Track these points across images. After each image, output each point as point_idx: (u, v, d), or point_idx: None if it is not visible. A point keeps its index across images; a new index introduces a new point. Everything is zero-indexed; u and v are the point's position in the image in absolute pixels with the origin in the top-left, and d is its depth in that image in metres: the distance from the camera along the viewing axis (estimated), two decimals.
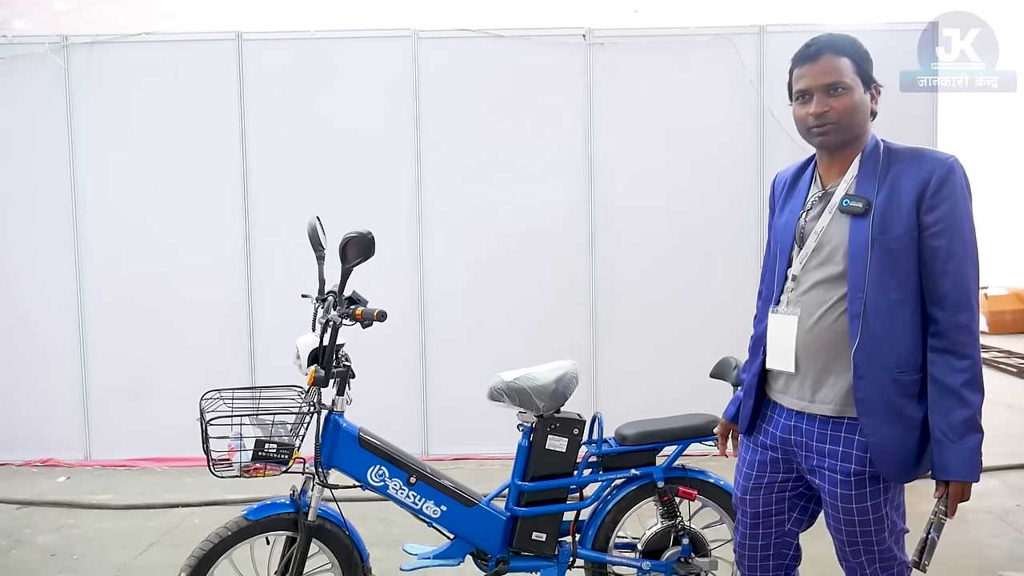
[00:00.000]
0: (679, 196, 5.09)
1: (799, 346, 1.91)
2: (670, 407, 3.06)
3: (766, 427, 2.04)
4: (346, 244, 2.37)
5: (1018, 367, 8.40)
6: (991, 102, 10.28)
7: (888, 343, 1.80)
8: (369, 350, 3.12)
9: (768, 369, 2.02)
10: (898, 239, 1.78)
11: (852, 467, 1.85)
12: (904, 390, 1.80)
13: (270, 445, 2.35)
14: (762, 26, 5.08)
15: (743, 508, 2.11)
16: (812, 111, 1.86)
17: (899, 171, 1.81)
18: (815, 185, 1.97)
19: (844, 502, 1.88)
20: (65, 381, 5.19)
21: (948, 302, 1.77)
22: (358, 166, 5.13)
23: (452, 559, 2.67)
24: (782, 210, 2.04)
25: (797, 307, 1.92)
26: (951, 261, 1.76)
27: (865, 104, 1.86)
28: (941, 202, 1.76)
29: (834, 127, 1.85)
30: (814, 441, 1.92)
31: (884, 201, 1.80)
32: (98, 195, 5.14)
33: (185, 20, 11.03)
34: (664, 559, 2.70)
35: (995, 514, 4.07)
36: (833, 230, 1.87)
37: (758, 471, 2.06)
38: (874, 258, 1.79)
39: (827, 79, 1.83)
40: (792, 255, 1.96)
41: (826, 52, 1.84)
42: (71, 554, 3.73)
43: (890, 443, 1.81)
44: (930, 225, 1.77)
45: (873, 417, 1.81)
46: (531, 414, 2.67)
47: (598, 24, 5.24)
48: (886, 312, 1.79)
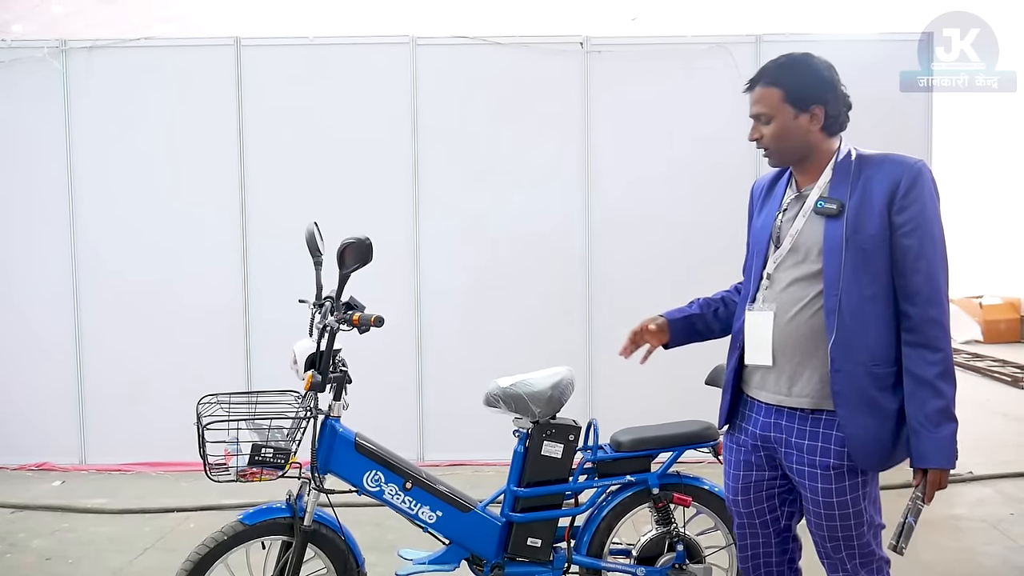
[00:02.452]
0: (676, 204, 5.10)
1: (776, 341, 1.98)
2: (665, 414, 3.07)
3: (745, 426, 2.11)
4: (344, 250, 2.38)
5: (1012, 376, 8.42)
6: (991, 102, 10.30)
7: (862, 338, 1.89)
8: (366, 355, 3.12)
9: (745, 365, 2.09)
10: (870, 239, 1.87)
11: (830, 461, 1.92)
12: (879, 383, 1.89)
13: (266, 450, 2.36)
14: (758, 35, 5.11)
15: (737, 510, 2.16)
16: (749, 136, 2.05)
17: (870, 175, 1.91)
18: (791, 189, 2.07)
19: (824, 496, 1.94)
20: (61, 385, 5.18)
21: (920, 298, 1.87)
22: (356, 172, 5.14)
23: (447, 564, 2.68)
24: (759, 213, 2.15)
25: (774, 304, 2.00)
26: (921, 259, 1.86)
27: (796, 128, 1.96)
28: (911, 204, 1.86)
29: (767, 151, 2.02)
30: (793, 437, 1.98)
31: (857, 203, 1.90)
32: (96, 199, 5.14)
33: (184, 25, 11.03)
34: (659, 565, 2.71)
35: (989, 522, 4.09)
36: (808, 231, 1.96)
37: (744, 471, 2.12)
38: (848, 257, 1.88)
39: (755, 110, 2.00)
40: (768, 254, 2.05)
41: (759, 84, 1.99)
42: (66, 558, 3.72)
43: (865, 433, 1.89)
44: (901, 225, 1.87)
45: (849, 409, 1.89)
46: (527, 420, 2.69)
47: (596, 32, 5.27)
48: (860, 308, 1.88)
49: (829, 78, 1.98)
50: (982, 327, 11.30)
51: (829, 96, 1.97)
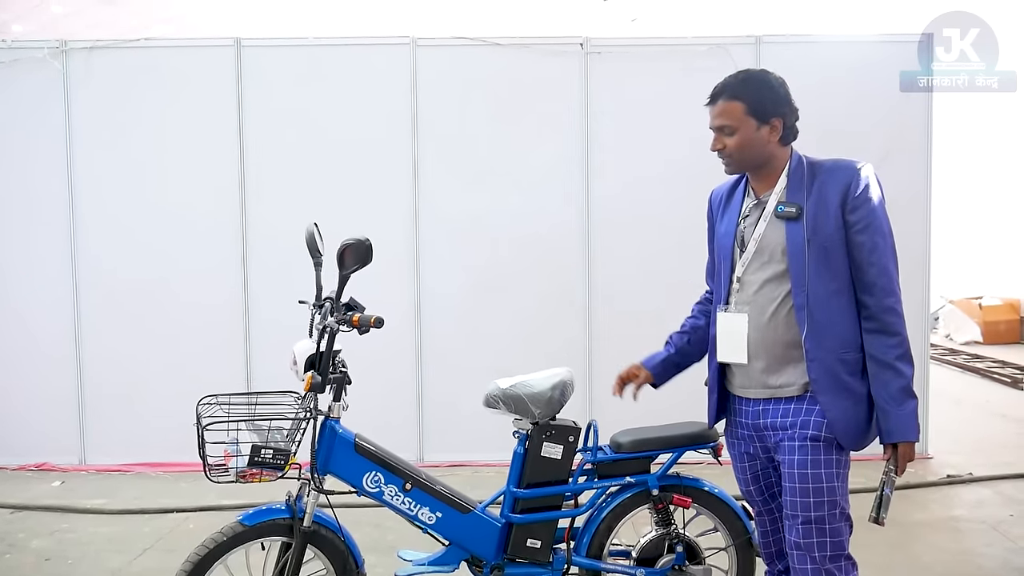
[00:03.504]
0: (675, 204, 5.09)
1: (757, 340, 2.12)
2: (665, 415, 3.07)
3: (738, 419, 2.25)
4: (344, 251, 2.38)
5: (1012, 377, 8.42)
6: (991, 102, 10.31)
7: (830, 328, 2.05)
8: (365, 355, 3.12)
9: (725, 364, 2.23)
10: (828, 237, 2.04)
11: (810, 432, 2.07)
12: (848, 368, 2.06)
13: (266, 451, 2.36)
14: (758, 36, 5.11)
15: (752, 499, 2.32)
16: (711, 147, 2.18)
17: (824, 179, 2.08)
18: (748, 197, 2.22)
19: (800, 467, 2.06)
20: (61, 385, 5.18)
21: (876, 288, 2.04)
22: (356, 172, 5.14)
23: (447, 566, 2.67)
24: (721, 220, 2.30)
25: (747, 306, 2.14)
26: (875, 253, 2.03)
27: (757, 139, 2.11)
28: (861, 203, 2.04)
29: (729, 160, 2.17)
30: (779, 417, 2.12)
31: (814, 206, 2.06)
32: (95, 200, 5.15)
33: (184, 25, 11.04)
34: (658, 567, 2.70)
35: (988, 524, 4.08)
36: (770, 234, 2.12)
37: (749, 462, 2.27)
38: (811, 255, 2.04)
39: (716, 122, 2.16)
40: (734, 259, 2.20)
41: (720, 97, 2.14)
42: (65, 559, 3.72)
43: (843, 415, 2.05)
44: (854, 223, 2.04)
45: (827, 395, 2.05)
46: (527, 421, 2.68)
47: (596, 33, 5.27)
48: (826, 301, 2.05)
49: (785, 93, 2.14)
50: (982, 328, 11.30)
51: (786, 110, 2.13)
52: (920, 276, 5.08)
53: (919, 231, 5.07)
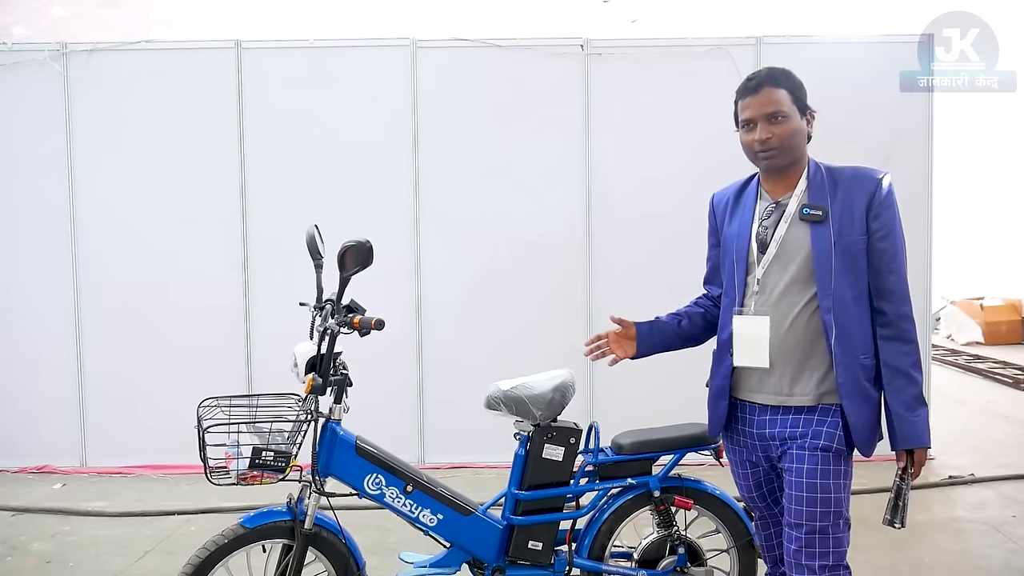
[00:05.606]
0: (677, 205, 5.09)
1: (775, 345, 2.08)
2: (666, 417, 3.07)
3: (742, 427, 2.20)
4: (344, 253, 2.38)
5: (1014, 378, 8.42)
6: (991, 102, 10.31)
7: (853, 333, 2.04)
8: (367, 357, 3.13)
9: (736, 369, 2.16)
10: (854, 243, 2.03)
11: (821, 442, 2.04)
12: (866, 373, 2.05)
13: (267, 453, 2.36)
14: (759, 37, 5.11)
15: (754, 505, 2.29)
16: (757, 138, 2.09)
17: (849, 185, 2.07)
18: (763, 199, 2.17)
19: (809, 477, 2.03)
20: (61, 387, 5.18)
21: (895, 296, 2.05)
22: (357, 174, 5.14)
23: (448, 568, 2.67)
24: (731, 223, 2.24)
25: (768, 308, 2.09)
26: (895, 260, 2.05)
27: (802, 129, 2.10)
28: (884, 210, 2.04)
29: (777, 151, 2.08)
30: (787, 427, 2.09)
31: (840, 210, 2.05)
32: (96, 202, 5.15)
33: (184, 27, 11.06)
34: (660, 568, 2.70)
35: (991, 524, 4.08)
36: (792, 236, 2.08)
37: (751, 469, 2.23)
38: (836, 259, 2.02)
39: (768, 109, 2.07)
40: (750, 261, 2.14)
41: (766, 85, 2.08)
42: (66, 561, 3.71)
43: (862, 420, 2.05)
44: (876, 230, 2.04)
45: (850, 399, 2.03)
46: (528, 423, 2.68)
47: (596, 34, 5.27)
48: (848, 306, 2.03)
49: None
50: (983, 329, 11.30)
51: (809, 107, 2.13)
52: (922, 277, 5.07)
53: (920, 231, 5.06)
